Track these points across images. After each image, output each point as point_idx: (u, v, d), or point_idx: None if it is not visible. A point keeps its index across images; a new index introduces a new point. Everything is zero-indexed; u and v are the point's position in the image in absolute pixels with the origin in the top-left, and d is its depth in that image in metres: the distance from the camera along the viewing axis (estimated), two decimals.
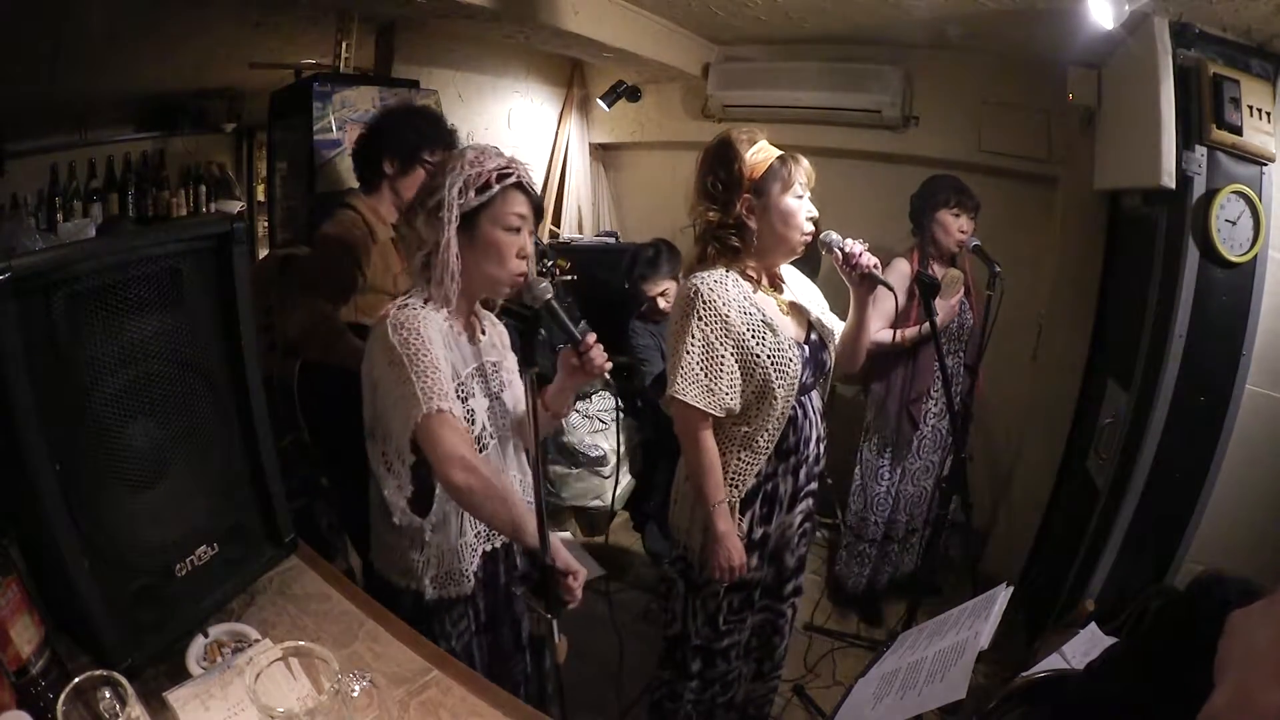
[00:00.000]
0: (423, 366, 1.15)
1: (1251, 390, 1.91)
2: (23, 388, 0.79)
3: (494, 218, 1.22)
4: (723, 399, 1.46)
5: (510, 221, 1.23)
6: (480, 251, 1.23)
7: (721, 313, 1.44)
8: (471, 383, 1.26)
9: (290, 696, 0.81)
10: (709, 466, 1.49)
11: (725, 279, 1.47)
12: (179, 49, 2.55)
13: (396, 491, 1.25)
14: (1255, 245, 1.86)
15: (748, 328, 1.45)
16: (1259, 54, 1.90)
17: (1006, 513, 2.92)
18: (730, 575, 1.52)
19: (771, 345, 1.46)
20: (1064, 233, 2.72)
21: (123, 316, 0.92)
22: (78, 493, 0.87)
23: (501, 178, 1.21)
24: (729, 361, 1.45)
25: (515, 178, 1.23)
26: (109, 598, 0.91)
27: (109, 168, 3.02)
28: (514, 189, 1.23)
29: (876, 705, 1.10)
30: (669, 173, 3.65)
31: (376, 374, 1.21)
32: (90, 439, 0.89)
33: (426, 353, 1.16)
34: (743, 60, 3.20)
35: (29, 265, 0.80)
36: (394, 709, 0.95)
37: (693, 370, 1.44)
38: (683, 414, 1.48)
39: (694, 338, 1.45)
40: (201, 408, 1.05)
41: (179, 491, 1.02)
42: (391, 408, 1.18)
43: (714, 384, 1.45)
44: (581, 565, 1.22)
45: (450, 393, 1.17)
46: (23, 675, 0.83)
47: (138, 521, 0.96)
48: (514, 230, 1.23)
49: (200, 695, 0.90)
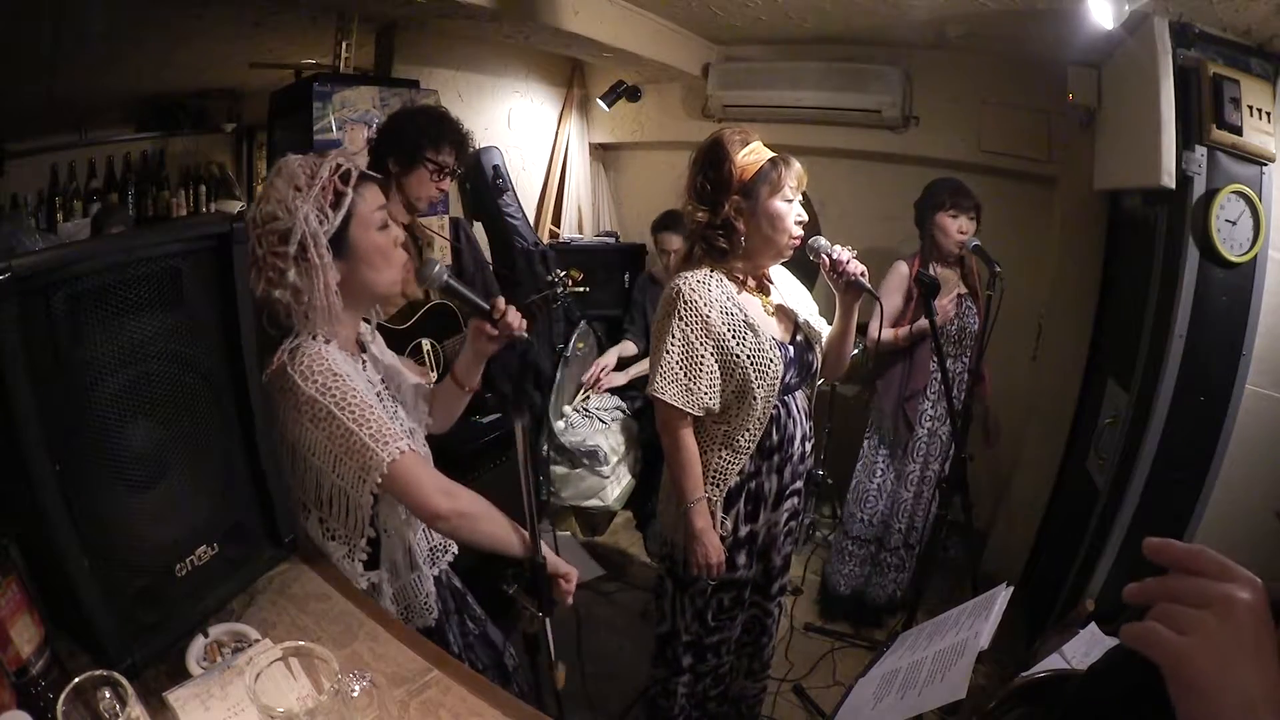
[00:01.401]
0: (358, 412, 1.03)
1: (1251, 390, 1.91)
2: (23, 388, 0.79)
3: (362, 224, 1.10)
4: (701, 399, 1.47)
5: (377, 220, 1.12)
6: (358, 264, 1.11)
7: (702, 313, 1.45)
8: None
9: (290, 696, 0.81)
10: (686, 463, 1.51)
11: (709, 279, 1.48)
12: (179, 49, 2.55)
13: (347, 559, 1.16)
14: (1255, 245, 1.86)
15: (728, 328, 1.46)
16: (1259, 54, 1.90)
17: (1006, 513, 2.92)
18: (710, 572, 1.54)
19: (752, 346, 1.46)
20: (1064, 233, 2.72)
21: (122, 316, 0.92)
22: (78, 493, 0.87)
23: (345, 179, 1.07)
24: (709, 361, 1.46)
25: (354, 170, 1.08)
26: (109, 598, 0.91)
27: (109, 168, 3.01)
28: (363, 182, 1.10)
29: (876, 705, 1.10)
30: (669, 173, 3.62)
31: (296, 436, 1.07)
32: (90, 439, 0.89)
33: (354, 393, 1.04)
34: (743, 60, 3.20)
35: (29, 265, 0.80)
36: (394, 709, 0.95)
37: (672, 370, 1.46)
38: (663, 412, 1.50)
39: (674, 337, 1.46)
40: (201, 408, 1.04)
41: (179, 491, 1.02)
42: (331, 469, 1.06)
43: (693, 384, 1.46)
44: (581, 565, 1.21)
45: (396, 429, 1.07)
46: (23, 675, 0.83)
47: (138, 521, 0.96)
48: (384, 227, 1.13)
49: (200, 695, 0.90)
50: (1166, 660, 0.46)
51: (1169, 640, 0.46)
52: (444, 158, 1.85)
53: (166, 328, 0.98)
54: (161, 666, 0.97)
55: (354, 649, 1.06)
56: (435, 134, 1.84)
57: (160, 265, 0.96)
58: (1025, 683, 1.10)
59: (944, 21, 2.41)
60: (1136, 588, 0.50)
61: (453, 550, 1.35)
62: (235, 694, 0.89)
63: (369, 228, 1.11)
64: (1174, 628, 0.47)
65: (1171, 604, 0.48)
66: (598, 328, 3.21)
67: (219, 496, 1.09)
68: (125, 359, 0.92)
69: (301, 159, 1.09)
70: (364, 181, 1.11)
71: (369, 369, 1.21)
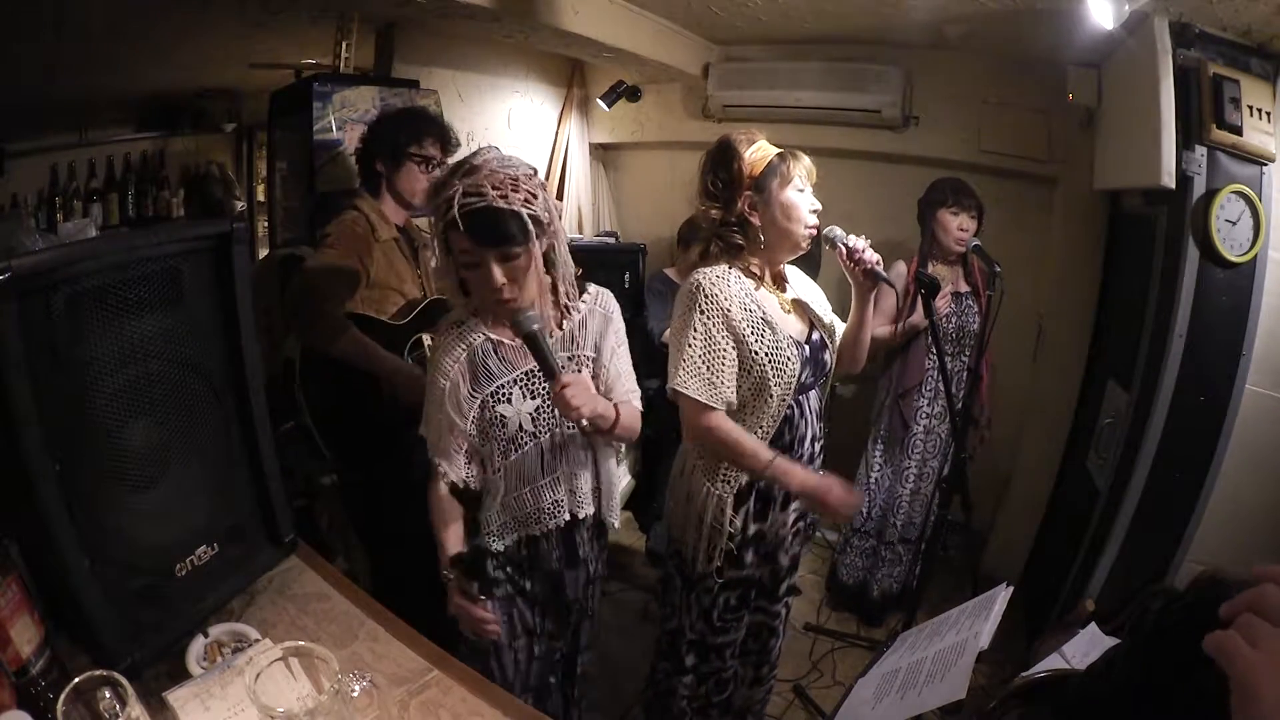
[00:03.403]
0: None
1: (1251, 390, 1.91)
2: (23, 388, 0.79)
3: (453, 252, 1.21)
4: (723, 392, 1.46)
5: (463, 260, 1.21)
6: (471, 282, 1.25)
7: (723, 306, 1.44)
8: (511, 389, 1.30)
9: (290, 696, 0.81)
10: (734, 442, 1.46)
11: (728, 275, 1.48)
12: (179, 49, 2.55)
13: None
14: (1255, 245, 1.86)
15: (747, 324, 1.45)
16: (1259, 54, 1.90)
17: (1006, 513, 2.92)
18: (851, 511, 1.55)
19: (770, 343, 1.46)
20: (1064, 233, 2.72)
21: (123, 316, 0.92)
22: (78, 493, 0.87)
23: (448, 209, 1.16)
24: (730, 355, 1.45)
25: (451, 212, 1.15)
26: (109, 598, 0.91)
27: (109, 168, 3.02)
28: (452, 229, 1.17)
29: (876, 705, 1.10)
30: (669, 173, 3.65)
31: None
32: (90, 439, 0.89)
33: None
34: (743, 60, 3.20)
35: (29, 265, 0.80)
36: (394, 709, 0.95)
37: (694, 363, 1.44)
38: (688, 408, 1.48)
39: (696, 331, 1.44)
40: (201, 408, 1.05)
41: (179, 491, 1.02)
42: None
43: (715, 376, 1.45)
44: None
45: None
46: (23, 675, 0.83)
47: (138, 521, 0.96)
48: (472, 267, 1.21)
49: (200, 695, 0.90)
50: (1234, 671, 0.45)
51: (1239, 651, 0.45)
52: (428, 150, 1.90)
53: (166, 328, 0.98)
54: (161, 666, 0.98)
55: (354, 649, 1.06)
56: (414, 129, 1.89)
57: (160, 265, 0.96)
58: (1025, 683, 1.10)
59: (944, 21, 2.41)
60: (1228, 604, 0.49)
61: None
62: (235, 694, 0.89)
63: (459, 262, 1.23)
64: (1249, 640, 0.46)
65: (1254, 617, 0.47)
66: None
67: (219, 496, 1.09)
68: (125, 359, 0.92)
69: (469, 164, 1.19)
70: (451, 227, 1.18)
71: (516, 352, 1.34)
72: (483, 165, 1.17)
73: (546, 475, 1.36)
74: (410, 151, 1.87)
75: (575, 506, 1.39)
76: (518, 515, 1.36)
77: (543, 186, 1.24)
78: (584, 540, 1.45)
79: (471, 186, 1.15)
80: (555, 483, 1.37)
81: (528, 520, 1.37)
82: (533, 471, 1.34)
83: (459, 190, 1.15)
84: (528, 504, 1.35)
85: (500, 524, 1.36)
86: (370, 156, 1.90)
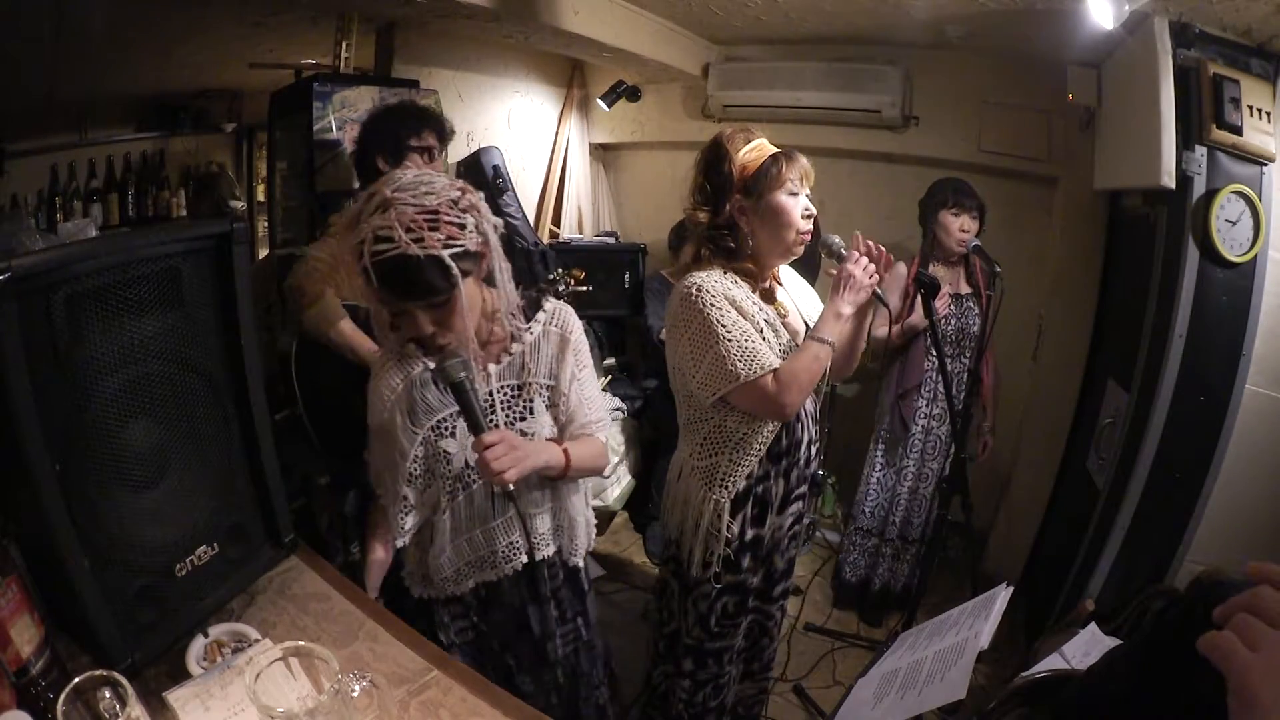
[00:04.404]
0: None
1: (1251, 390, 1.91)
2: (23, 387, 0.79)
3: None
4: (765, 359, 1.38)
5: (386, 307, 1.12)
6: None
7: (727, 296, 1.41)
8: (455, 421, 1.19)
9: (290, 696, 0.81)
10: (801, 370, 1.39)
11: (724, 279, 1.46)
12: (179, 49, 2.55)
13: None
14: (1255, 245, 1.86)
15: (748, 324, 1.44)
16: (1259, 54, 1.90)
17: (1006, 513, 2.92)
18: (872, 273, 1.44)
19: (772, 347, 1.45)
20: (1064, 233, 2.72)
21: (122, 316, 0.92)
22: (78, 493, 0.87)
23: (360, 255, 1.03)
24: (747, 325, 1.40)
25: (363, 260, 1.02)
26: (109, 598, 0.91)
27: (109, 168, 3.02)
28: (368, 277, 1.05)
29: (876, 705, 1.10)
30: (669, 173, 3.65)
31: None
32: (90, 439, 0.89)
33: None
34: (743, 60, 3.20)
35: (29, 265, 0.80)
36: (394, 709, 0.95)
37: (731, 355, 1.38)
38: (752, 396, 1.40)
39: (719, 324, 1.39)
40: (201, 408, 1.05)
41: (179, 491, 1.02)
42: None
43: (752, 346, 1.38)
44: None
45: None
46: (23, 675, 0.83)
47: (138, 521, 0.96)
48: (398, 314, 1.12)
49: (200, 695, 0.90)
50: (1230, 672, 0.45)
51: (1236, 652, 0.45)
52: (427, 141, 1.90)
53: (166, 328, 0.98)
54: (161, 666, 0.98)
55: (354, 649, 1.06)
56: (412, 122, 1.89)
57: (160, 265, 0.96)
58: (1025, 683, 1.10)
59: (944, 21, 2.41)
60: (1223, 606, 0.49)
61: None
62: (235, 694, 0.89)
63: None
64: (1247, 641, 0.46)
65: (1252, 618, 0.47)
66: (598, 328, 3.21)
67: (219, 496, 1.09)
68: (125, 359, 0.92)
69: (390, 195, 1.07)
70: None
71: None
72: (394, 200, 1.02)
73: (499, 516, 1.25)
74: (411, 144, 1.86)
75: (533, 548, 1.27)
76: (471, 560, 1.27)
77: (473, 208, 1.09)
78: (545, 578, 1.32)
79: (383, 229, 1.01)
80: (509, 524, 1.26)
81: (482, 564, 1.28)
82: (483, 511, 1.25)
83: (370, 235, 1.01)
84: (481, 546, 1.26)
85: (455, 570, 1.27)
86: (370, 154, 1.88)
